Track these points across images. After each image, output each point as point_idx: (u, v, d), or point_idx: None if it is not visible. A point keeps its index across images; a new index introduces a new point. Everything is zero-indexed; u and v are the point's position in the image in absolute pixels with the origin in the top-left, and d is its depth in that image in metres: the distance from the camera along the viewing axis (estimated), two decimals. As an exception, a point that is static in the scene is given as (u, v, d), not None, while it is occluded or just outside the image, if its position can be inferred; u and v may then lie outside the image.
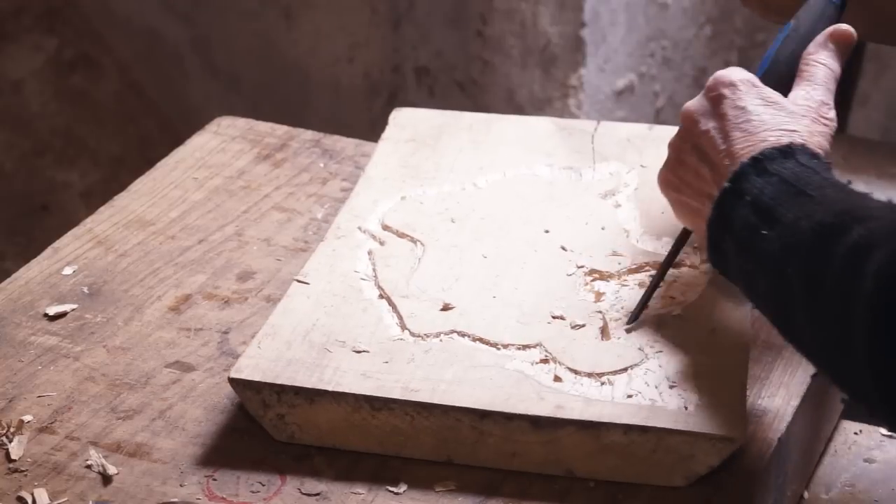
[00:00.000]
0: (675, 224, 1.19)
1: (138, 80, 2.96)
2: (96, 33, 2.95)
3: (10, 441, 1.12)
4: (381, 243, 1.27)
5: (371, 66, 2.65)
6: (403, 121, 1.45)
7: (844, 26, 1.15)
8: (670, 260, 1.18)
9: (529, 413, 1.07)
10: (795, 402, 1.15)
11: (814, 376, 1.17)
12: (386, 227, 1.29)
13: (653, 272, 1.21)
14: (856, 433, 1.28)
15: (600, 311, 1.17)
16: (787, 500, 1.16)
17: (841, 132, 2.37)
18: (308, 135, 1.52)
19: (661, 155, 1.36)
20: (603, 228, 1.27)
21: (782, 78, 1.14)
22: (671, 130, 1.40)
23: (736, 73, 1.12)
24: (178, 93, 2.93)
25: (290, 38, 2.73)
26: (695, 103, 1.14)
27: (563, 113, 2.41)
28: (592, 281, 1.21)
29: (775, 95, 1.11)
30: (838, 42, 1.15)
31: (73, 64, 2.94)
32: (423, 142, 1.41)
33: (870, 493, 1.21)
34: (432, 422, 1.09)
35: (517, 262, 1.23)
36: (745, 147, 1.08)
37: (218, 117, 1.55)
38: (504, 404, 1.08)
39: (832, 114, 1.12)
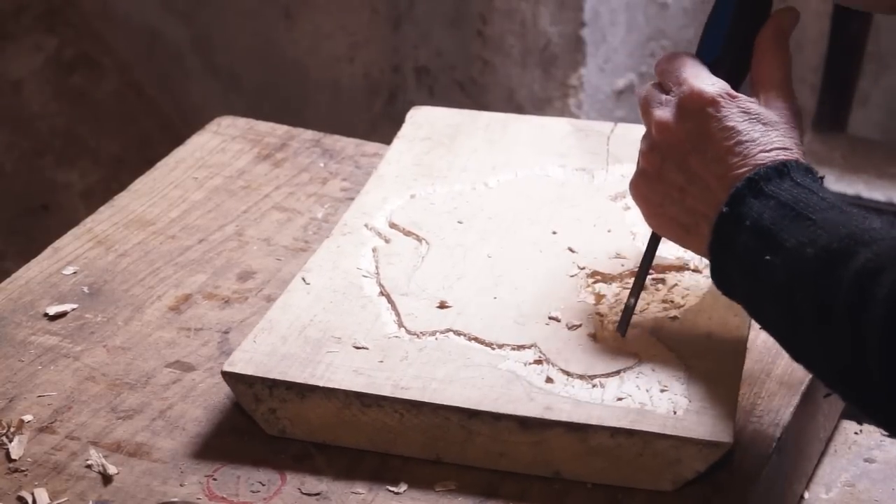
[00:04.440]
0: None
1: (138, 79, 2.96)
2: (96, 33, 2.95)
3: (10, 441, 1.12)
4: (387, 241, 1.27)
5: (371, 66, 2.65)
6: (420, 119, 1.45)
7: (791, 9, 1.13)
8: (646, 268, 1.16)
9: (517, 413, 1.07)
10: (795, 401, 1.15)
11: (814, 376, 1.17)
12: (393, 225, 1.29)
13: (656, 275, 1.21)
14: (856, 433, 1.28)
15: (599, 314, 1.17)
16: (787, 500, 1.16)
17: (841, 132, 2.37)
18: (308, 135, 1.52)
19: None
20: (609, 231, 1.27)
21: (735, 65, 1.12)
22: None
23: (710, 87, 1.09)
24: (178, 93, 2.93)
25: (290, 38, 2.73)
26: (673, 118, 1.10)
27: (563, 112, 2.41)
28: (594, 283, 1.21)
29: (753, 106, 1.09)
30: (789, 27, 1.13)
31: (73, 64, 2.94)
32: (438, 140, 1.41)
33: (870, 493, 1.21)
34: (421, 420, 1.09)
35: (521, 262, 1.23)
36: (740, 169, 1.06)
37: (218, 117, 1.55)
38: (493, 404, 1.08)
39: (797, 105, 1.11)
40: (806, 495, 1.21)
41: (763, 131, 1.07)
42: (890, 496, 1.20)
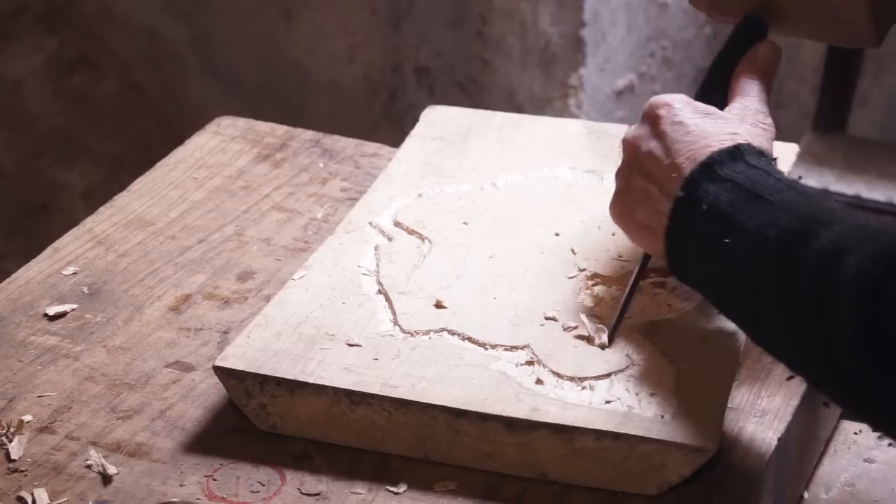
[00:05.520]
0: None
1: (138, 80, 2.96)
2: (96, 33, 2.95)
3: (10, 441, 1.12)
4: (389, 239, 1.27)
5: (371, 66, 2.65)
6: (434, 118, 1.45)
7: (771, 42, 1.17)
8: (634, 285, 1.17)
9: (504, 414, 1.07)
10: (795, 402, 1.15)
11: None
12: (397, 224, 1.29)
13: (656, 278, 1.21)
14: (856, 433, 1.28)
15: (596, 316, 1.17)
16: (787, 500, 1.16)
17: (841, 132, 2.37)
18: (308, 135, 1.52)
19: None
20: (613, 234, 1.26)
21: (718, 97, 1.16)
22: None
23: (670, 95, 1.13)
24: (178, 93, 2.93)
25: (290, 38, 2.73)
26: (633, 130, 1.14)
27: (563, 113, 2.41)
28: (593, 285, 1.21)
29: (710, 108, 1.12)
30: (766, 56, 1.17)
31: (73, 64, 2.94)
32: (450, 140, 1.41)
33: (870, 493, 1.21)
34: (409, 418, 1.09)
35: (521, 263, 1.23)
36: (691, 155, 1.07)
37: (218, 117, 1.55)
38: (480, 404, 1.08)
39: (769, 120, 1.13)
40: (806, 495, 1.21)
41: (712, 123, 1.10)
42: (890, 496, 1.20)
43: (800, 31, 1.19)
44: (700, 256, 1.05)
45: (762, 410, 1.14)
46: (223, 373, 1.12)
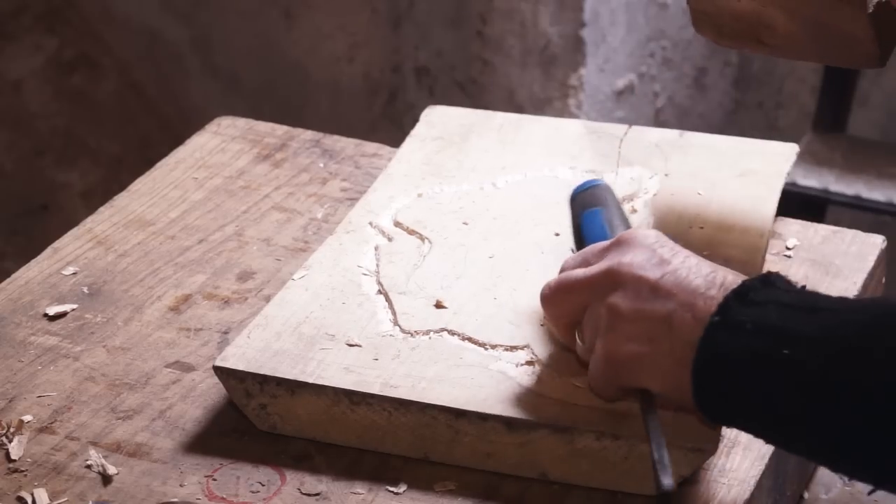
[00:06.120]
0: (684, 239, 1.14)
1: (138, 80, 2.96)
2: (96, 33, 2.95)
3: (10, 441, 1.12)
4: (389, 239, 1.27)
5: (371, 66, 2.66)
6: (434, 119, 1.45)
7: None
8: (654, 428, 1.02)
9: (504, 414, 1.07)
10: (795, 402, 1.15)
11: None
12: (397, 224, 1.29)
13: None
14: (856, 433, 1.28)
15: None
16: (787, 500, 1.16)
17: (841, 132, 2.37)
18: (308, 135, 1.52)
19: (686, 162, 1.35)
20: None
21: None
22: (701, 137, 1.39)
23: (641, 231, 1.05)
24: (178, 93, 2.93)
25: (290, 38, 2.73)
26: (619, 256, 1.03)
27: (563, 113, 2.41)
28: (593, 284, 1.20)
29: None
30: None
31: (73, 64, 2.94)
32: (450, 140, 1.41)
33: (870, 493, 1.21)
34: (409, 418, 1.09)
35: (521, 263, 1.23)
36: (716, 283, 0.97)
37: (218, 117, 1.55)
38: (480, 404, 1.08)
39: None
40: (806, 495, 1.21)
41: (707, 260, 1.02)
42: (890, 496, 1.20)
43: (804, 52, 1.18)
44: (748, 385, 0.94)
45: (762, 410, 1.14)
46: (223, 373, 1.12)
